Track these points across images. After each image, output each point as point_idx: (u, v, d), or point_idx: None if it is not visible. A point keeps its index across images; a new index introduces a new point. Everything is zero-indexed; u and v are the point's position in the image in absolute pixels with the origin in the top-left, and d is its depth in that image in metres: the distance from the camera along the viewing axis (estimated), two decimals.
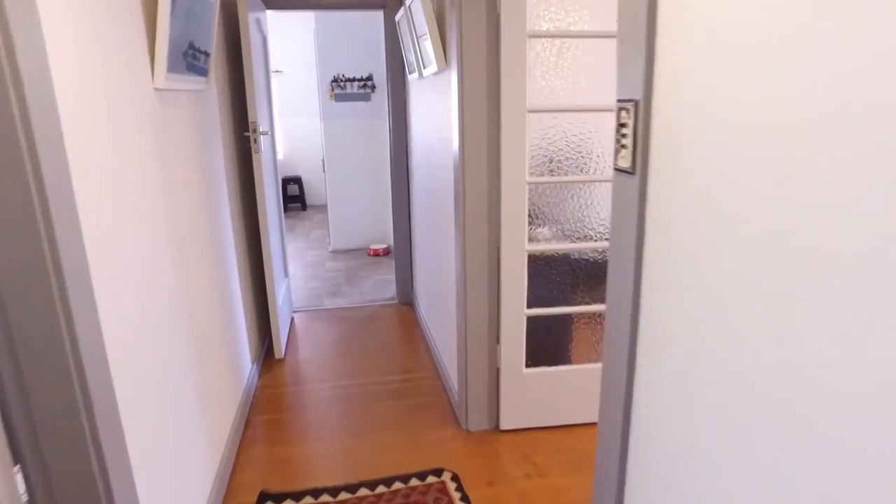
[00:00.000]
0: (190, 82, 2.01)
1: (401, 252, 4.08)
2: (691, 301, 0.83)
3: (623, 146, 0.92)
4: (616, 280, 1.03)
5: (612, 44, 2.16)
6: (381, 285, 4.60)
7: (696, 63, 0.78)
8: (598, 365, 2.50)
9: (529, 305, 2.38)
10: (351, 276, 4.90)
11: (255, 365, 3.03)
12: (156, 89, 1.71)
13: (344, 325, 3.80)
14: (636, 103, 0.87)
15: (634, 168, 0.90)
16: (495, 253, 2.33)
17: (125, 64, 1.47)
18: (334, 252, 5.69)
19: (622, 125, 0.91)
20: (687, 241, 0.82)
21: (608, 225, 2.35)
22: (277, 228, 3.57)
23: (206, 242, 2.20)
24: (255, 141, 2.94)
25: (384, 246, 5.53)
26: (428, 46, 2.53)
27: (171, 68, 1.75)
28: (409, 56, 3.15)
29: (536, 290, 2.39)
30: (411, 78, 3.37)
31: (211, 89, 2.51)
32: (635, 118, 0.87)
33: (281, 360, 3.29)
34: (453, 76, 2.22)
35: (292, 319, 3.92)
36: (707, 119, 0.76)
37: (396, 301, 4.20)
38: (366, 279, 4.79)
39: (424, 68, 2.79)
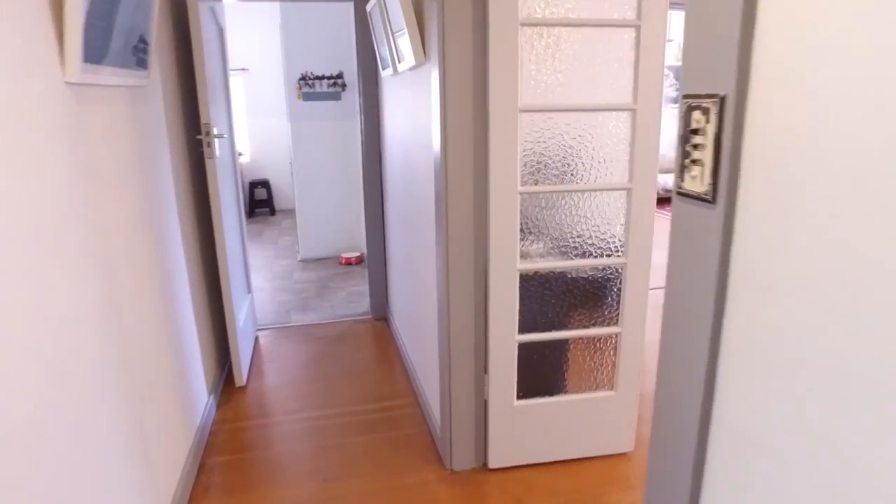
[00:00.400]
0: (121, 76, 1.68)
1: (374, 262, 3.77)
2: (806, 391, 0.56)
3: (693, 162, 0.64)
4: (674, 349, 0.75)
5: (616, 33, 1.89)
6: (353, 298, 4.29)
7: (840, 25, 0.50)
8: (596, 394, 2.24)
9: (521, 330, 2.11)
10: (322, 287, 4.58)
11: (212, 396, 2.70)
12: (68, 84, 1.38)
13: (314, 345, 3.47)
14: (721, 99, 0.60)
15: (714, 195, 0.62)
16: (482, 272, 2.05)
17: (18, 54, 1.15)
18: (304, 261, 5.34)
19: (693, 132, 0.63)
20: (808, 307, 0.54)
21: (608, 239, 2.09)
22: (238, 241, 3.24)
23: (146, 261, 1.87)
24: (209, 145, 2.61)
25: (357, 254, 5.21)
26: (404, 39, 2.23)
27: (90, 58, 1.42)
28: (383, 50, 2.85)
29: (529, 314, 2.11)
30: (385, 74, 3.07)
31: (153, 85, 2.18)
32: (719, 122, 0.59)
33: (243, 388, 2.96)
34: (434, 71, 1.93)
35: (257, 339, 3.58)
36: (860, 121, 0.48)
37: (370, 316, 3.89)
38: (337, 291, 4.47)
39: (400, 63, 2.50)
